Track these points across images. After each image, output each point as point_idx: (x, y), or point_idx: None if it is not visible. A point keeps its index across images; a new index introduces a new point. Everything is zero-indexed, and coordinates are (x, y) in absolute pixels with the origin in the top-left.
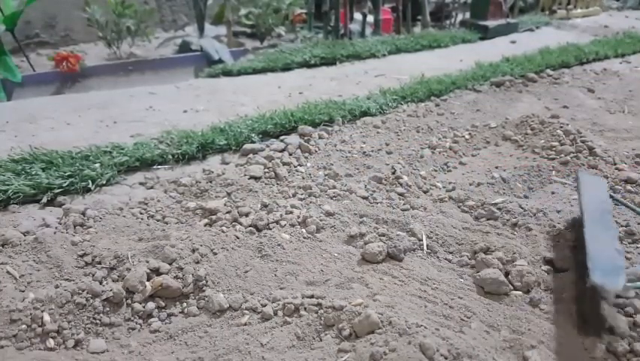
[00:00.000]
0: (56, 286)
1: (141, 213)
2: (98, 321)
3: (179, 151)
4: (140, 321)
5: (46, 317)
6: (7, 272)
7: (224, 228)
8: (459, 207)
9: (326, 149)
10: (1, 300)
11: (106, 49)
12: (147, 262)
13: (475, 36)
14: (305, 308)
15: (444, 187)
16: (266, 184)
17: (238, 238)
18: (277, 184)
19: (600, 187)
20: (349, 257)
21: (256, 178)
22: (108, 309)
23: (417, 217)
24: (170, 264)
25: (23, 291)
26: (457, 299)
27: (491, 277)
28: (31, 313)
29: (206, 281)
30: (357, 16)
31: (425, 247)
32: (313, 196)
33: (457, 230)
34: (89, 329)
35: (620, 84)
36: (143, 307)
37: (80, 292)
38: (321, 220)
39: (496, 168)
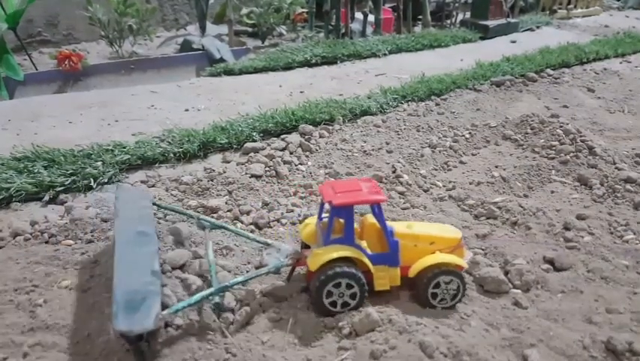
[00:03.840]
0: None
1: None
2: None
3: (180, 150)
4: None
5: None
6: None
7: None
8: (459, 205)
9: (327, 148)
10: None
11: (108, 47)
12: None
13: (476, 35)
14: (307, 307)
15: (444, 186)
16: (267, 183)
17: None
18: (278, 183)
19: (139, 200)
20: None
21: (257, 177)
22: None
23: (417, 216)
24: None
25: None
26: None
27: (491, 276)
28: None
29: None
30: (358, 15)
31: None
32: (314, 195)
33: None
34: None
35: (620, 84)
36: None
37: None
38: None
39: (496, 167)
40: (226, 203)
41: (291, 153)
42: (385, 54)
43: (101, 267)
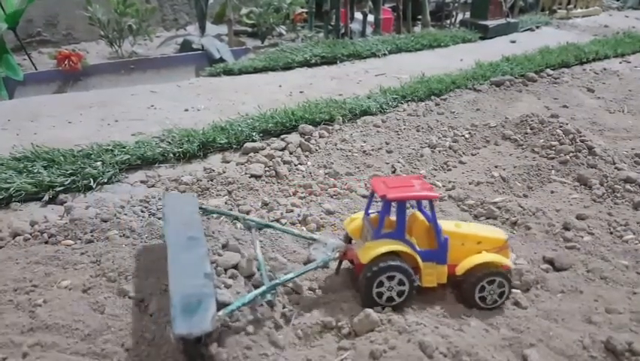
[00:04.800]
0: None
1: (142, 212)
2: None
3: (180, 150)
4: None
5: None
6: None
7: (225, 225)
8: (458, 205)
9: (326, 148)
10: None
11: (107, 47)
12: None
13: (476, 36)
14: (309, 307)
15: (444, 186)
16: (266, 183)
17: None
18: (278, 183)
19: (186, 205)
20: None
21: (257, 177)
22: None
23: None
24: None
25: None
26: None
27: None
28: None
29: None
30: (358, 15)
31: None
32: (314, 195)
33: None
34: None
35: (620, 84)
36: None
37: None
38: (321, 218)
39: (496, 167)
40: (226, 203)
41: (290, 153)
42: (385, 54)
43: (102, 267)
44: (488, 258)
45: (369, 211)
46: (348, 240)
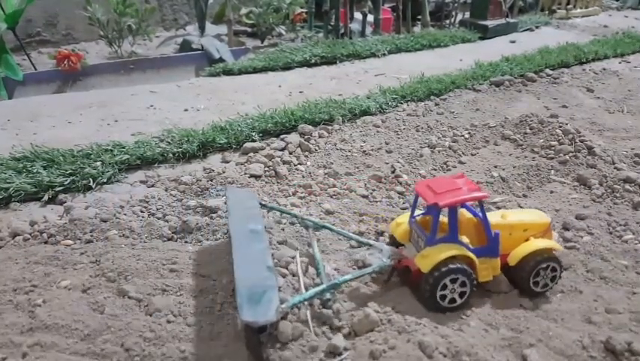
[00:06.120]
0: None
1: (142, 212)
2: None
3: (179, 150)
4: None
5: None
6: None
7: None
8: None
9: (326, 148)
10: None
11: (107, 47)
12: None
13: (475, 36)
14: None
15: None
16: (266, 183)
17: None
18: (277, 183)
19: (247, 200)
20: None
21: (256, 177)
22: None
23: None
24: None
25: None
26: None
27: None
28: None
29: None
30: (358, 15)
31: None
32: (313, 195)
33: None
34: None
35: (620, 84)
36: None
37: None
38: (321, 218)
39: (496, 167)
40: (225, 203)
41: (290, 153)
42: (385, 54)
43: (101, 266)
44: (538, 245)
45: (415, 214)
46: (394, 243)
